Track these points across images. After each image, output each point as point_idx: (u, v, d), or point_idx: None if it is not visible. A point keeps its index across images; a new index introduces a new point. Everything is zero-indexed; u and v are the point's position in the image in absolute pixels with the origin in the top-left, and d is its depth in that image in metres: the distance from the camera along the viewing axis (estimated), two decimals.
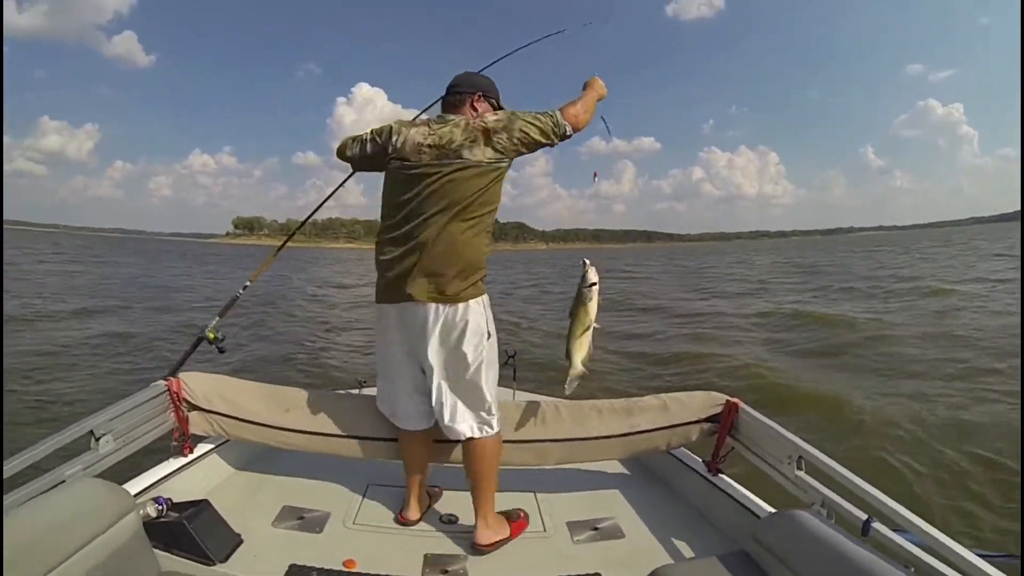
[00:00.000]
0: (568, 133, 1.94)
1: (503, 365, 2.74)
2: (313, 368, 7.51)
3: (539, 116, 1.90)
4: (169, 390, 2.13)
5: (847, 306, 12.66)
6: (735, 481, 2.18)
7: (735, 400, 2.24)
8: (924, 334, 8.63)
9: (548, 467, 2.27)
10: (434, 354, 1.86)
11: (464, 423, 1.91)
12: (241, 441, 2.26)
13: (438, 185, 1.80)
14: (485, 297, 1.91)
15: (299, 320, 12.32)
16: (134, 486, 1.93)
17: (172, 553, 1.70)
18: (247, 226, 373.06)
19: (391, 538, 2.00)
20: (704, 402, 2.28)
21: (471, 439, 1.92)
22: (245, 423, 2.17)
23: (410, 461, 2.08)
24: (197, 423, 2.20)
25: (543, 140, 1.92)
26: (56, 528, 1.32)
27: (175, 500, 1.81)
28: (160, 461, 2.16)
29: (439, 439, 2.05)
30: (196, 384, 2.19)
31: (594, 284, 1.87)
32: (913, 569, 1.42)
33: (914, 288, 15.20)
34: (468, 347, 1.86)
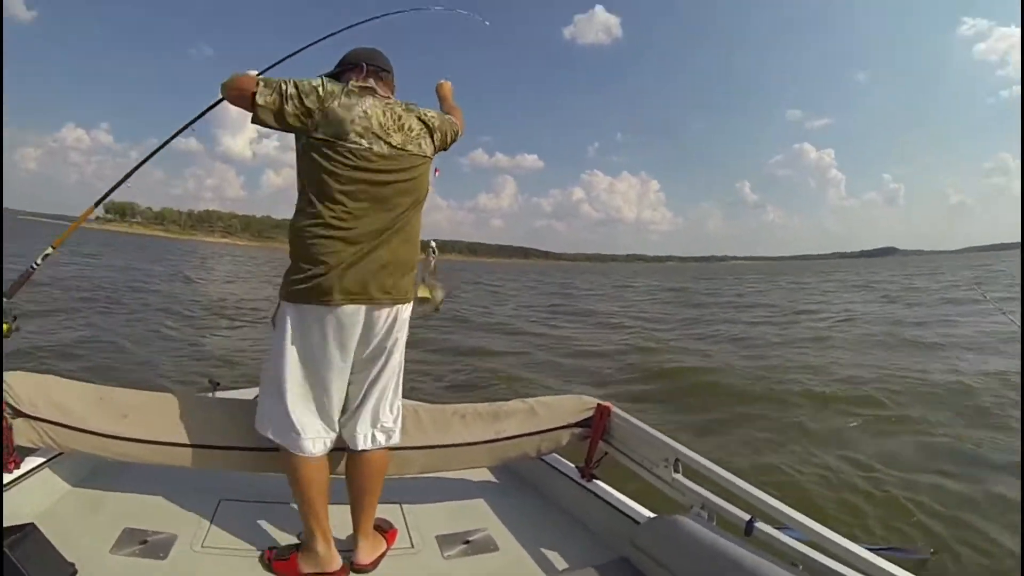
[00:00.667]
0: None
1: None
2: (168, 369, 6.97)
3: (451, 121, 1.90)
4: None
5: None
6: (611, 487, 2.14)
7: (606, 404, 2.20)
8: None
9: (411, 476, 2.12)
10: (372, 358, 1.74)
11: (381, 432, 1.79)
12: (73, 453, 1.93)
13: (408, 176, 1.69)
14: None
15: (152, 312, 11.56)
16: None
17: None
18: (119, 211, 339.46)
19: (244, 561, 1.76)
20: (574, 406, 2.23)
21: (372, 450, 1.78)
22: (76, 431, 1.83)
23: (323, 488, 1.75)
24: (23, 432, 1.81)
25: (449, 146, 1.91)
26: None
27: None
28: None
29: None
30: (21, 385, 1.80)
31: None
32: (801, 567, 1.44)
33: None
34: (399, 348, 1.79)
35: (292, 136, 1.67)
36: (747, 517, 1.64)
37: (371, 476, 1.80)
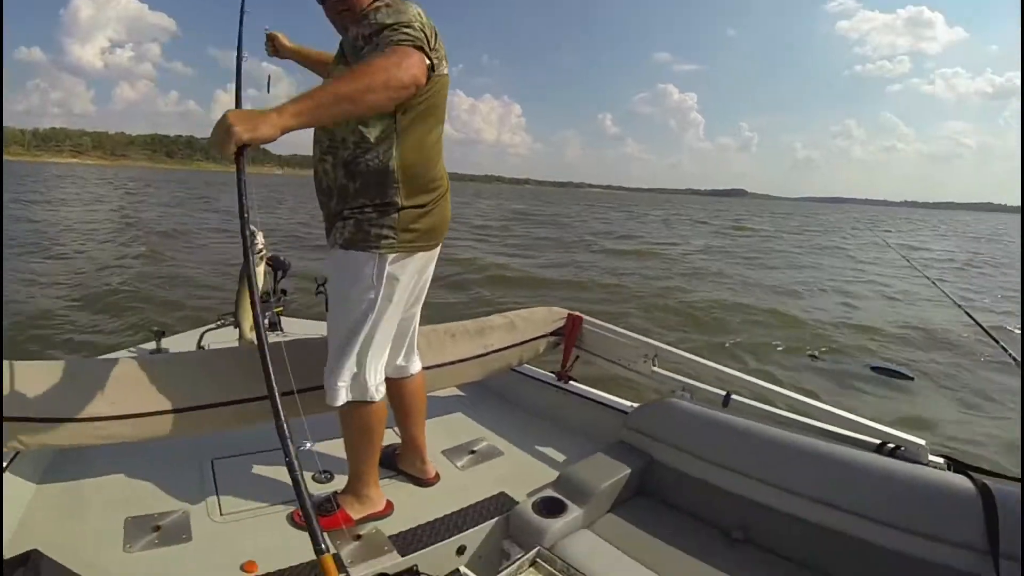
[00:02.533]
0: None
1: (316, 295, 2.62)
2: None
3: None
4: None
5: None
6: (589, 387, 2.36)
7: (577, 314, 2.37)
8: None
9: None
10: (422, 293, 1.71)
11: (417, 355, 1.84)
12: (42, 448, 1.64)
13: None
14: None
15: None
16: None
17: None
18: None
19: (274, 520, 1.66)
20: (546, 317, 2.38)
21: (417, 373, 1.83)
22: (52, 423, 1.50)
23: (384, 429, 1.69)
24: None
25: None
26: None
27: None
28: None
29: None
30: None
31: (262, 250, 1.48)
32: (780, 426, 1.69)
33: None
34: None
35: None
36: (723, 393, 1.91)
37: (422, 394, 1.86)
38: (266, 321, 2.97)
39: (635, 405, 2.11)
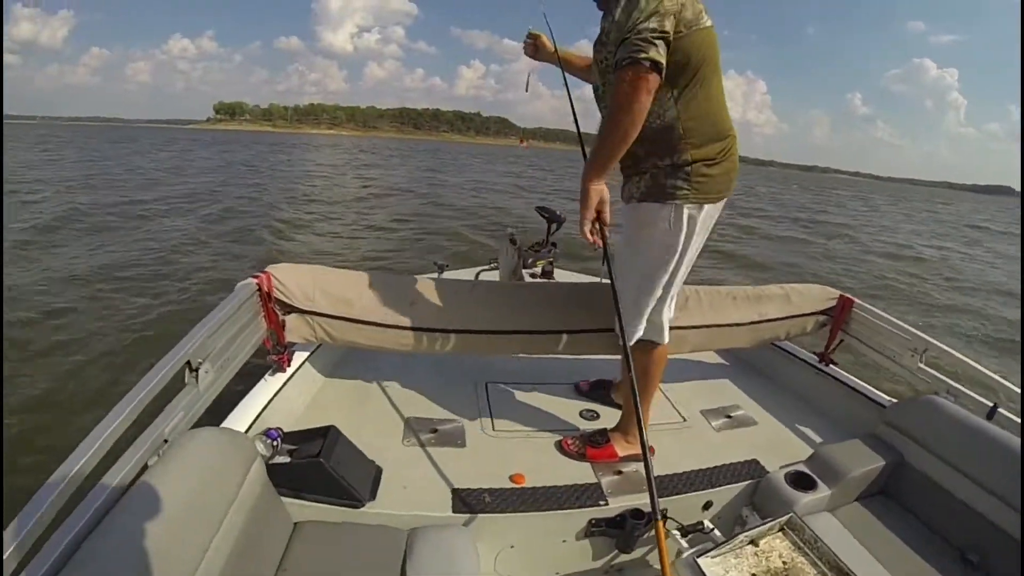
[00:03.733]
0: None
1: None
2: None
3: None
4: (260, 289, 1.64)
5: None
6: (847, 372, 2.25)
7: (849, 296, 2.28)
8: None
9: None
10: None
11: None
12: (347, 346, 1.87)
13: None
14: None
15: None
16: (238, 421, 1.54)
17: (305, 499, 1.39)
18: (229, 111, 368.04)
19: (542, 443, 1.81)
20: (820, 295, 2.30)
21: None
22: (359, 324, 1.76)
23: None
24: (296, 328, 1.74)
25: None
26: (180, 511, 0.98)
27: (286, 429, 1.49)
28: (252, 382, 1.74)
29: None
30: (290, 279, 1.71)
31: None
32: None
33: None
34: None
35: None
36: (990, 404, 1.74)
37: (664, 362, 1.85)
38: (538, 270, 3.19)
39: (893, 400, 2.04)
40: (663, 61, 1.29)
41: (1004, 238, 22.31)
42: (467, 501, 1.50)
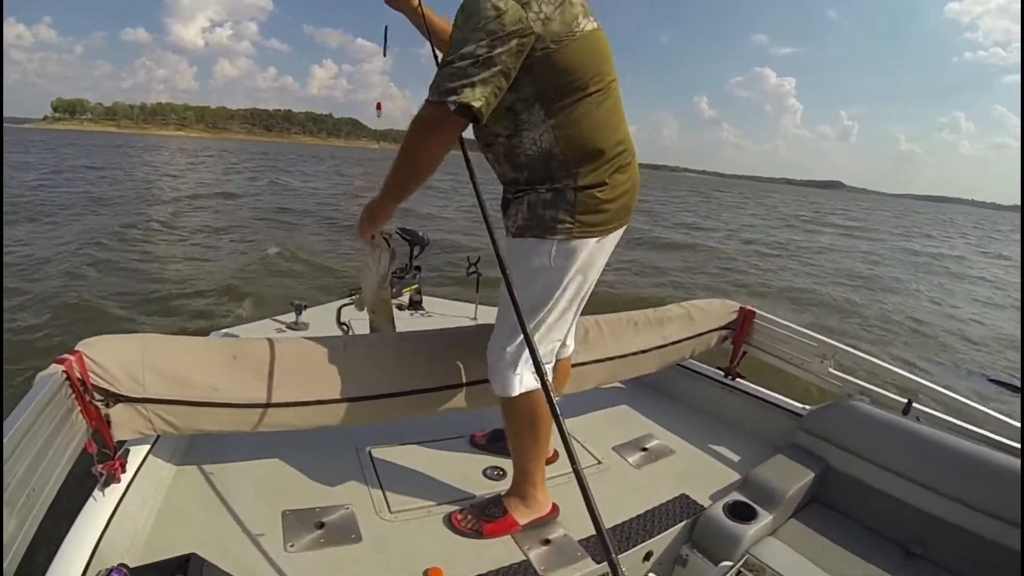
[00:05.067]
0: None
1: (468, 276, 2.67)
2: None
3: None
4: (69, 377, 1.17)
5: None
6: (754, 385, 2.22)
7: (750, 308, 2.24)
8: None
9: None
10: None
11: (570, 347, 1.66)
12: (195, 433, 1.43)
13: (605, 44, 1.27)
14: None
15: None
16: (66, 569, 1.06)
17: None
18: (68, 109, 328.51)
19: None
20: (720, 309, 2.24)
21: (561, 360, 1.66)
22: (204, 407, 1.35)
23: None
24: (125, 423, 1.28)
25: None
26: None
27: (132, 564, 1.06)
28: (75, 499, 1.24)
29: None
30: (110, 357, 1.26)
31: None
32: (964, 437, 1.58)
33: None
34: None
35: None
36: (904, 400, 1.77)
37: (564, 380, 1.72)
38: (405, 299, 2.96)
39: (806, 407, 2.01)
40: (481, 105, 1.09)
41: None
42: None
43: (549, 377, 1.37)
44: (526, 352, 1.34)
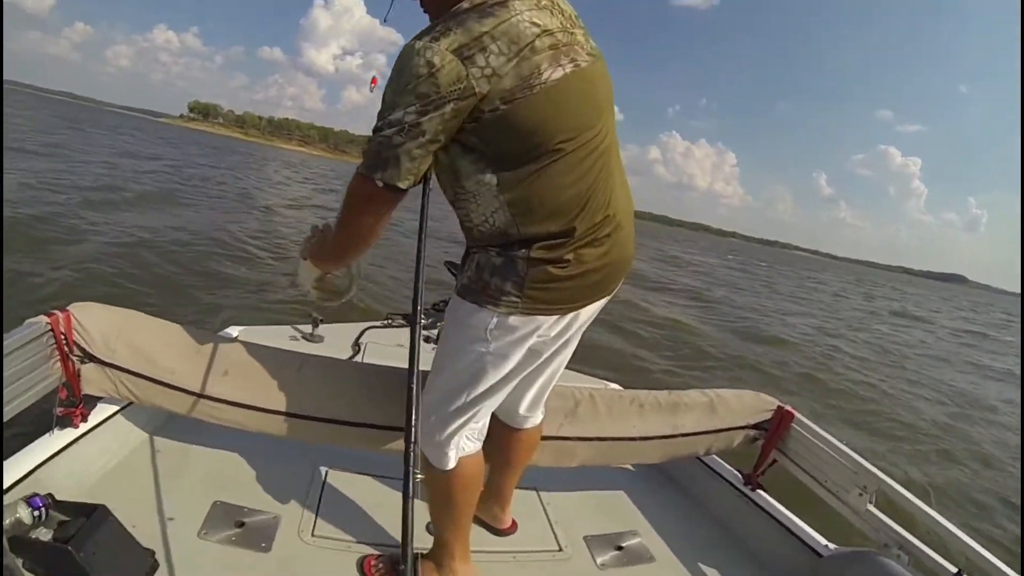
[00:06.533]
0: None
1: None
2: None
3: None
4: (54, 330, 1.37)
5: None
6: (777, 501, 1.89)
7: (789, 408, 1.91)
8: None
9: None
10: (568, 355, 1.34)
11: (542, 411, 1.51)
12: (151, 407, 1.56)
13: (601, 86, 1.08)
14: None
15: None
16: None
17: None
18: (203, 111, 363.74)
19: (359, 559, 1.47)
20: (753, 405, 1.94)
21: (532, 428, 1.52)
22: (160, 386, 1.49)
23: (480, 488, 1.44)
24: (93, 380, 1.47)
25: None
26: None
27: (58, 497, 1.22)
28: (35, 434, 1.45)
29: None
30: (94, 322, 1.45)
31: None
32: None
33: None
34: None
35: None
36: (954, 570, 1.38)
37: (528, 450, 1.56)
38: (435, 332, 2.82)
39: (829, 546, 1.70)
40: (409, 182, 1.00)
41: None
42: None
43: (475, 452, 1.32)
44: (458, 422, 1.23)
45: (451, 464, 1.27)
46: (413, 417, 0.84)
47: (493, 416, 1.37)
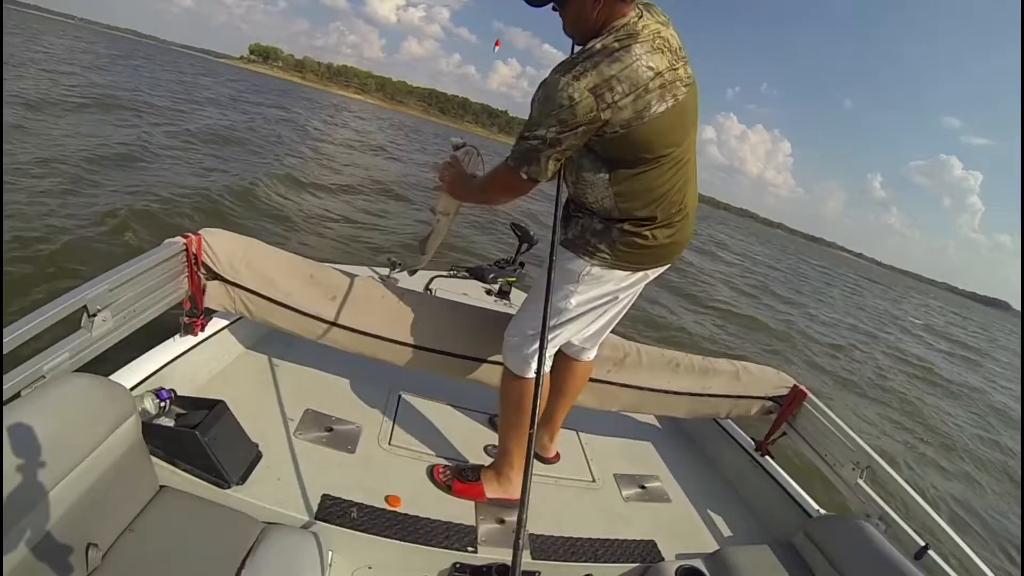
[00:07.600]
0: None
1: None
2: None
3: None
4: (187, 250, 1.61)
5: None
6: (781, 468, 2.12)
7: (803, 388, 2.12)
8: None
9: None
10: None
11: (594, 351, 1.79)
12: (265, 325, 1.81)
13: (691, 111, 1.38)
14: None
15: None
16: (130, 374, 1.49)
17: (175, 466, 1.37)
18: (263, 54, 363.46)
19: (429, 467, 1.73)
20: (773, 380, 2.16)
21: (582, 362, 1.80)
22: (277, 305, 1.73)
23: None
24: (215, 296, 1.72)
25: None
26: (34, 447, 0.96)
27: (179, 392, 1.46)
28: (161, 339, 1.70)
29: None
30: (221, 246, 1.68)
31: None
32: None
33: None
34: None
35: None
36: (922, 543, 1.59)
37: (579, 382, 1.84)
38: (497, 287, 3.16)
39: (820, 511, 1.93)
40: (546, 177, 1.36)
41: None
42: (333, 510, 1.45)
43: (547, 368, 1.63)
44: (534, 343, 1.56)
45: (531, 373, 1.57)
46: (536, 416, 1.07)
47: (557, 352, 1.71)
